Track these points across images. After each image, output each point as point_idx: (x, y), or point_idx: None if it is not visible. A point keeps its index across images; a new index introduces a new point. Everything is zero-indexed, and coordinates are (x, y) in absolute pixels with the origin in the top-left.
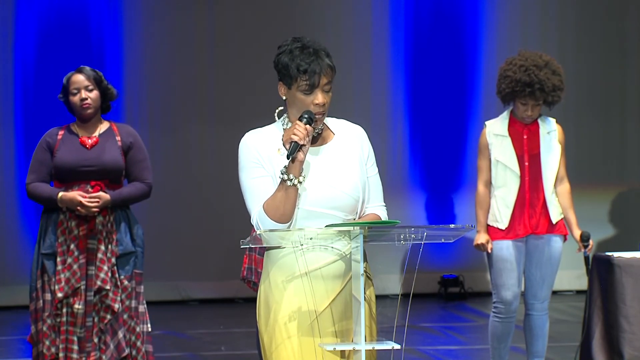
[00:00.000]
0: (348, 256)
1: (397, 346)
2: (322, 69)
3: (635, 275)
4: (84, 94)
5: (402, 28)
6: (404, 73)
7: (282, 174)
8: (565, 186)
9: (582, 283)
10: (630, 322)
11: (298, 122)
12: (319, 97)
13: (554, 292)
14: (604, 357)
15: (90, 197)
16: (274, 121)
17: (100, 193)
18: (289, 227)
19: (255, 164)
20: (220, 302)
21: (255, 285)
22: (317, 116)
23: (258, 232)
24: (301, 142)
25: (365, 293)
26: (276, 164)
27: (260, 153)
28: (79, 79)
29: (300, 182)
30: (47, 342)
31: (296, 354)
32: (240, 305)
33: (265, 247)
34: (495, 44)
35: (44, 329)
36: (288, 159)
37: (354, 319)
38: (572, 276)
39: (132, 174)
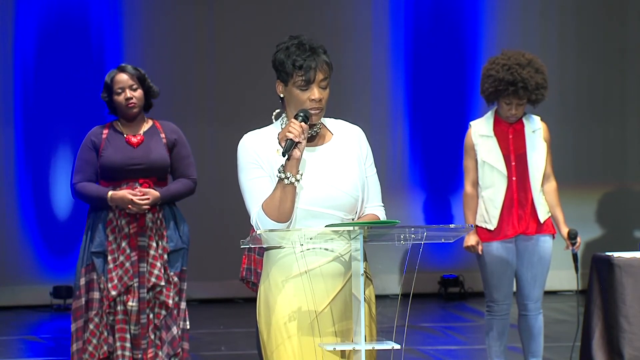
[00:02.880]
0: (347, 256)
1: (397, 346)
2: (317, 65)
3: (635, 275)
4: (128, 93)
5: (402, 28)
6: (404, 73)
7: (279, 172)
8: (552, 184)
9: (582, 283)
10: (630, 322)
11: (293, 119)
12: (315, 93)
13: (554, 292)
14: (604, 357)
15: (140, 195)
16: (272, 123)
17: (149, 190)
18: (288, 226)
19: (254, 165)
20: (220, 302)
21: (254, 286)
22: (313, 112)
23: (258, 232)
24: (296, 140)
25: (364, 293)
26: (275, 164)
27: (258, 154)
28: (123, 78)
29: (297, 180)
30: (94, 341)
31: (296, 354)
32: (240, 305)
33: (264, 247)
34: (495, 44)
35: (91, 326)
36: (284, 156)
37: (354, 319)
38: (571, 276)
39: (177, 170)
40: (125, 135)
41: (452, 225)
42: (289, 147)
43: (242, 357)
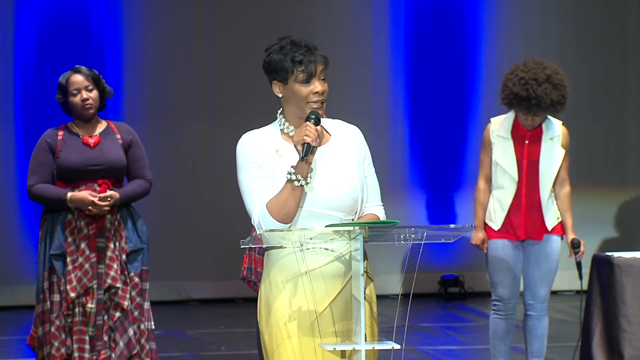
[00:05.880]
0: (348, 256)
1: (397, 346)
2: (316, 58)
3: (635, 275)
4: (84, 94)
5: (402, 28)
6: (404, 73)
7: (289, 174)
8: (565, 189)
9: (583, 283)
10: (630, 322)
11: (308, 123)
12: (318, 86)
13: (554, 292)
14: (604, 357)
15: (102, 197)
16: (273, 121)
17: (111, 192)
18: (289, 227)
19: (254, 164)
20: (220, 302)
21: (255, 285)
22: (317, 106)
23: (258, 231)
24: (313, 144)
25: (365, 292)
26: (275, 164)
27: (258, 154)
28: (78, 79)
29: (307, 183)
30: (55, 343)
31: (296, 354)
32: (240, 305)
33: (264, 247)
34: (495, 44)
35: (52, 329)
36: (302, 160)
37: (354, 319)
38: (572, 276)
39: (133, 171)
40: (81, 137)
41: (452, 225)
42: (307, 151)
43: (242, 357)
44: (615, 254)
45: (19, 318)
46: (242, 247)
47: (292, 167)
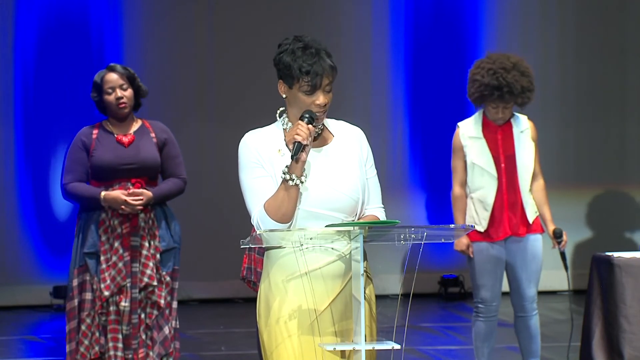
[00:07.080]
0: (348, 256)
1: (397, 346)
2: (324, 70)
3: (635, 275)
4: (119, 92)
5: (402, 28)
6: (404, 73)
7: (283, 174)
8: (539, 182)
9: (582, 283)
10: (630, 322)
11: (300, 122)
12: (320, 98)
13: (552, 292)
14: (604, 357)
15: (134, 195)
16: (275, 121)
17: (143, 190)
18: (289, 227)
19: (256, 164)
20: (220, 302)
21: (254, 285)
22: (317, 115)
23: (258, 232)
24: (304, 142)
25: (365, 292)
26: (276, 164)
27: (260, 153)
28: (113, 77)
29: (302, 182)
30: (86, 342)
31: (296, 354)
32: (240, 305)
33: (264, 247)
34: (495, 44)
35: (83, 327)
36: (292, 159)
37: (354, 319)
38: (571, 276)
39: (167, 170)
40: (115, 135)
41: (452, 225)
42: (297, 150)
43: (242, 357)
44: (615, 254)
45: (19, 318)
46: (242, 247)
47: (286, 166)
